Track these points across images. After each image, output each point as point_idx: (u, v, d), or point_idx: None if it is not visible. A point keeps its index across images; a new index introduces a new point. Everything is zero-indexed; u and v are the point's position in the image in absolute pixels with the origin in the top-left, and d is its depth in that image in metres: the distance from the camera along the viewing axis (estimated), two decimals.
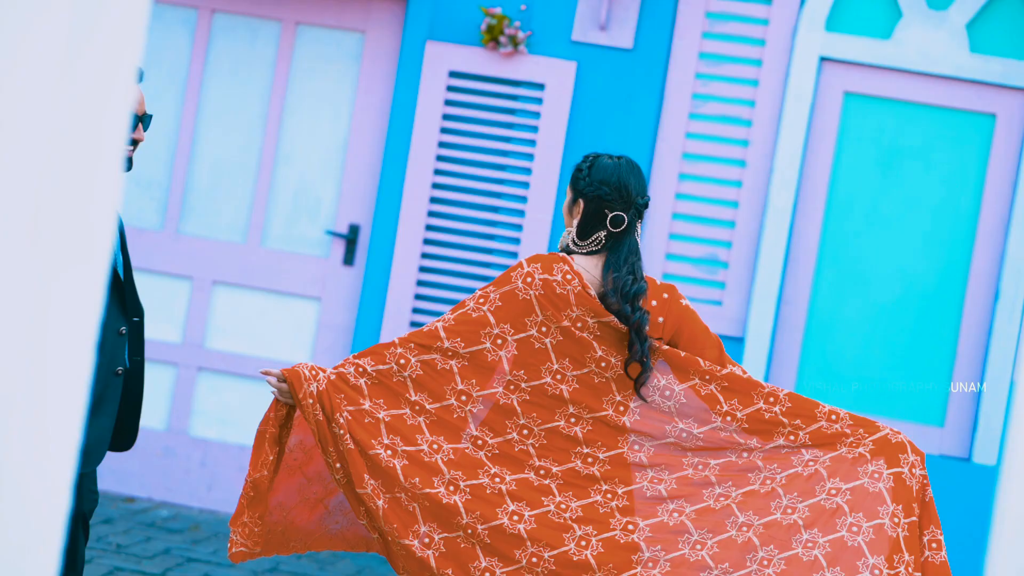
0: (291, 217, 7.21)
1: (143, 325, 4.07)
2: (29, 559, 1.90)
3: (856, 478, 3.74)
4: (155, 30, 7.26)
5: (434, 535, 3.76)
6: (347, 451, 3.79)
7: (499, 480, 3.79)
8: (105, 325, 3.94)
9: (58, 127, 1.92)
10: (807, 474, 3.76)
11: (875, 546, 3.65)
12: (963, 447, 6.81)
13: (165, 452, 7.21)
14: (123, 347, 4.02)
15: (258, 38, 7.26)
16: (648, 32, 6.92)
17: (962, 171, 6.86)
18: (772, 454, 3.80)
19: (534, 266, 3.85)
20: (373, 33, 7.18)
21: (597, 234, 3.89)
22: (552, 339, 3.83)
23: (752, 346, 6.81)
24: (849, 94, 6.89)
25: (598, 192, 3.88)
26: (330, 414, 3.81)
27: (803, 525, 3.70)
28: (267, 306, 7.17)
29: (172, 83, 7.28)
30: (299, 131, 7.24)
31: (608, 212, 3.88)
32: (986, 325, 6.80)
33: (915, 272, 6.88)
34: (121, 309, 4.00)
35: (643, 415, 3.86)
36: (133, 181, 7.27)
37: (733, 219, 6.92)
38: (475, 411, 3.84)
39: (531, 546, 3.74)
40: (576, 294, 3.84)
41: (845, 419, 3.81)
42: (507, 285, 3.84)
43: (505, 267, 6.95)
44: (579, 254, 3.92)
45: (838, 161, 6.90)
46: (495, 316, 3.83)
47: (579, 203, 3.90)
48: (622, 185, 3.89)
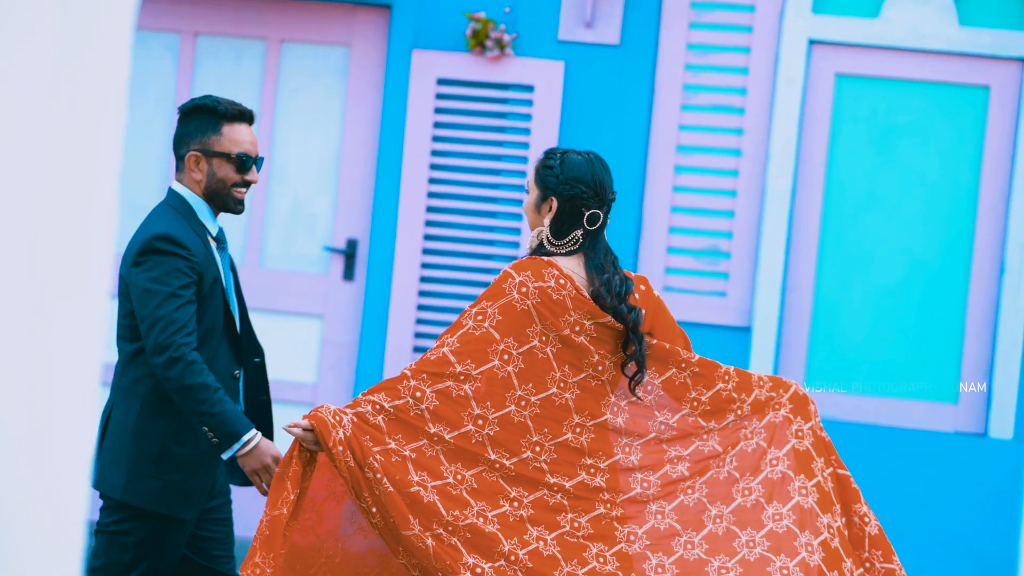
0: (288, 236, 7.17)
1: (264, 365, 4.09)
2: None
3: (787, 441, 3.86)
4: (139, 56, 7.22)
5: (482, 565, 3.70)
6: (385, 494, 3.69)
7: (518, 505, 3.76)
8: (220, 371, 3.98)
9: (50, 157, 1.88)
10: (751, 450, 3.86)
11: (822, 504, 3.79)
12: (978, 423, 6.76)
13: None
14: (237, 390, 4.05)
15: (243, 58, 7.22)
16: (634, 26, 6.88)
17: (959, 146, 6.81)
18: (725, 433, 3.89)
19: (524, 275, 3.80)
20: (358, 46, 7.14)
21: (574, 233, 3.86)
22: (552, 348, 3.80)
23: (759, 335, 6.76)
24: (840, 75, 6.85)
25: (573, 191, 3.85)
26: (361, 460, 3.71)
27: (764, 502, 3.79)
28: (270, 327, 7.12)
29: (159, 108, 7.24)
30: (290, 149, 7.19)
31: (584, 210, 3.85)
32: (993, 299, 6.75)
33: (918, 250, 6.83)
34: (235, 353, 4.02)
35: (632, 413, 3.89)
36: (128, 210, 7.22)
37: (732, 209, 6.88)
38: (492, 433, 3.79)
39: (566, 566, 3.72)
40: (572, 298, 3.81)
41: (758, 381, 3.92)
42: (503, 298, 3.78)
43: None
44: (558, 255, 3.88)
45: (833, 143, 6.86)
46: (498, 331, 3.78)
47: (550, 202, 3.86)
48: (597, 182, 3.87)
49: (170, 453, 3.92)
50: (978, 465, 6.66)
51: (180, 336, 3.81)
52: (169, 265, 3.87)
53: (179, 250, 3.88)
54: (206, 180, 4.02)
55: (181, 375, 3.80)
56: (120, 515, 3.94)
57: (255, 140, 4.07)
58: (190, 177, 4.03)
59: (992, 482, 6.65)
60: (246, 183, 4.04)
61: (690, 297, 6.86)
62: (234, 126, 4.03)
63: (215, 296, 3.97)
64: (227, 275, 4.07)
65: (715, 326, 6.85)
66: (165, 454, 3.92)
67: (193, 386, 3.80)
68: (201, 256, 3.93)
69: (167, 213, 3.98)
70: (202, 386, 3.80)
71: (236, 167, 4.01)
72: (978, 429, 6.76)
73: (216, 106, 4.03)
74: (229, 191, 4.03)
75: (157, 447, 3.91)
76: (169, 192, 4.06)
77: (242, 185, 4.03)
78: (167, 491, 3.92)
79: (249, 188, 4.07)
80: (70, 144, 1.88)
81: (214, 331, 3.96)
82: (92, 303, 1.87)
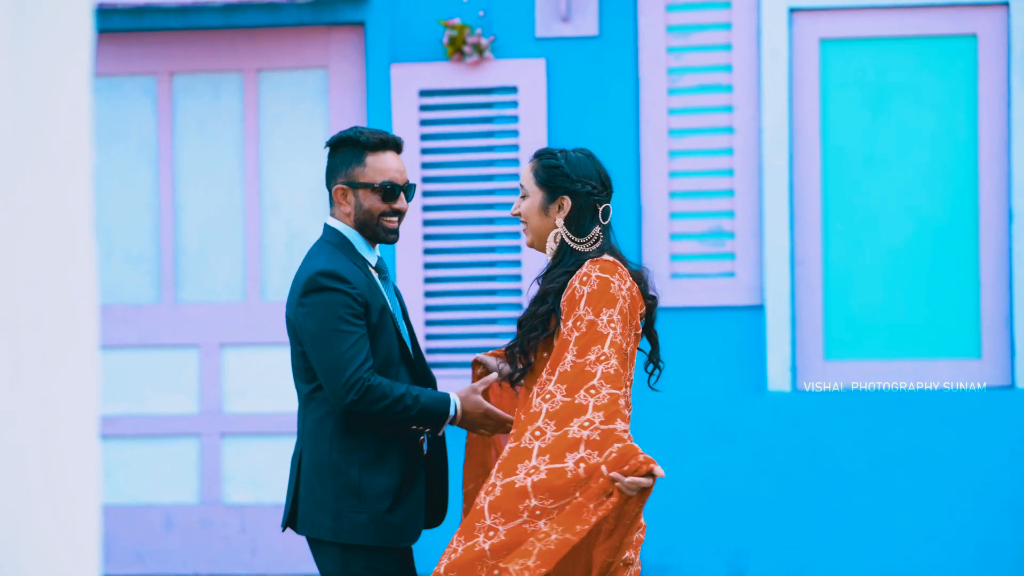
0: (287, 266, 7.09)
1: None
2: None
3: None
4: (117, 102, 7.15)
5: None
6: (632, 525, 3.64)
7: None
8: None
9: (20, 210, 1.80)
10: None
11: None
12: (1004, 375, 6.67)
13: (202, 524, 7.09)
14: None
15: (221, 92, 7.14)
16: (612, 15, 6.80)
17: (952, 98, 6.72)
18: None
19: (618, 277, 3.75)
20: (336, 66, 7.07)
21: (594, 230, 3.83)
22: (630, 349, 3.80)
23: (773, 312, 6.68)
24: (825, 40, 6.76)
25: (586, 187, 3.81)
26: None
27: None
28: (278, 360, 7.05)
29: (143, 152, 7.16)
30: (279, 178, 7.12)
31: (598, 206, 3.83)
32: (1005, 247, 6.66)
33: (923, 207, 6.74)
34: (415, 381, 4.01)
35: None
36: (122, 257, 7.16)
37: (731, 187, 6.80)
38: None
39: None
40: (636, 296, 3.81)
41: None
42: (616, 303, 3.70)
43: (509, 278, 6.84)
44: (586, 254, 3.83)
45: (826, 110, 6.77)
46: (623, 337, 3.72)
47: (560, 201, 3.81)
48: (603, 176, 3.87)
49: (370, 484, 3.90)
50: (1009, 418, 6.57)
51: (359, 372, 3.80)
52: (333, 302, 3.83)
53: (341, 285, 3.84)
54: (355, 212, 3.97)
55: (370, 405, 3.80)
56: (342, 560, 3.91)
57: (402, 168, 4.01)
58: (340, 211, 3.99)
59: (1022, 433, 6.56)
60: (395, 212, 3.98)
61: (699, 281, 6.78)
62: (378, 155, 3.97)
63: (386, 325, 3.93)
64: (394, 303, 4.04)
65: (727, 308, 6.76)
66: (365, 486, 3.90)
67: (387, 406, 3.81)
68: (364, 287, 3.88)
69: (324, 249, 3.94)
70: (394, 401, 3.82)
71: (382, 197, 3.96)
72: (1005, 381, 6.67)
73: (359, 137, 3.97)
74: (379, 221, 3.97)
75: (355, 480, 3.89)
76: (325, 228, 4.02)
77: (391, 214, 3.98)
78: (376, 522, 3.90)
79: (402, 217, 4.01)
80: (39, 198, 1.81)
81: (391, 360, 3.94)
82: (81, 355, 1.78)
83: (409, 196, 4.02)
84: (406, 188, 4.01)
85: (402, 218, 4.01)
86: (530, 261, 6.79)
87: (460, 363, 6.86)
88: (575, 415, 3.56)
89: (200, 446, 7.11)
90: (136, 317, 7.10)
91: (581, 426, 3.55)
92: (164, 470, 7.14)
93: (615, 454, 3.49)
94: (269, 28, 7.05)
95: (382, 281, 4.01)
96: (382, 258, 4.05)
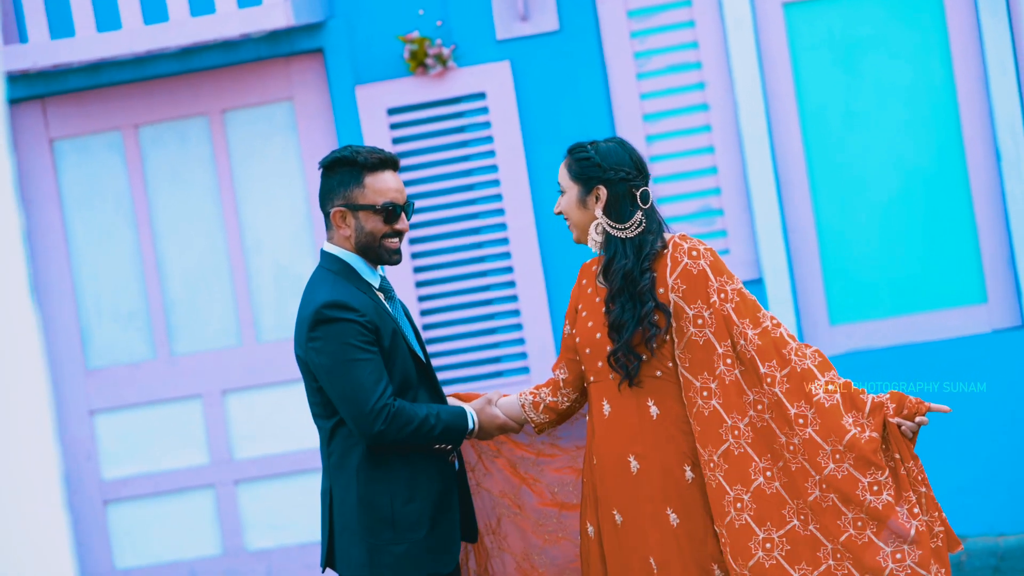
0: (278, 304, 7.01)
1: None
2: None
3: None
4: (86, 162, 7.08)
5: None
6: None
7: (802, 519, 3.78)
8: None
9: None
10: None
11: None
12: (1012, 317, 6.59)
13: (229, 575, 7.00)
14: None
15: (189, 138, 7.06)
16: (570, 8, 6.72)
17: (925, 44, 6.64)
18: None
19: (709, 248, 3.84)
20: (301, 97, 6.99)
21: (635, 215, 3.82)
22: None
23: (772, 284, 6.60)
24: (788, 4, 6.68)
25: (619, 174, 3.81)
26: None
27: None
28: (282, 399, 6.97)
29: (118, 209, 7.08)
30: (258, 216, 7.03)
31: (635, 191, 3.82)
32: (997, 188, 6.58)
33: (909, 159, 6.66)
34: (435, 400, 3.95)
35: None
36: (112, 317, 7.07)
37: (714, 165, 6.72)
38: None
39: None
40: None
41: None
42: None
43: (503, 286, 6.77)
44: (627, 239, 3.82)
45: (798, 74, 6.69)
46: None
47: (596, 191, 3.80)
48: (636, 161, 3.87)
49: (403, 513, 3.82)
50: (1020, 359, 6.48)
51: (383, 399, 3.72)
52: (343, 332, 3.72)
53: (348, 314, 3.73)
54: (355, 235, 3.85)
55: (399, 432, 3.73)
56: None
57: (401, 187, 3.89)
58: (339, 234, 3.86)
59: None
60: (397, 232, 3.87)
61: None
62: (377, 175, 3.85)
63: (399, 347, 3.83)
64: (404, 323, 3.93)
65: None
66: (398, 517, 3.81)
67: (414, 430, 3.74)
68: (372, 313, 3.78)
69: (326, 278, 3.83)
70: (420, 423, 3.76)
71: (384, 218, 3.84)
72: (1014, 323, 6.58)
73: (355, 157, 3.84)
74: (381, 243, 3.86)
75: (387, 512, 3.81)
76: (322, 255, 3.90)
77: (394, 235, 3.87)
78: (414, 552, 3.82)
79: (403, 237, 3.90)
80: None
81: (408, 383, 3.85)
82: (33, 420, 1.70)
83: (410, 215, 3.92)
84: (407, 207, 3.91)
85: (403, 238, 3.91)
86: (521, 265, 6.72)
87: (462, 378, 6.78)
88: (806, 381, 3.68)
89: (216, 496, 7.02)
90: (133, 375, 7.02)
91: (826, 390, 3.67)
92: (183, 525, 7.05)
93: (892, 402, 3.68)
94: (229, 67, 6.97)
95: (389, 302, 3.90)
96: (385, 278, 3.94)
